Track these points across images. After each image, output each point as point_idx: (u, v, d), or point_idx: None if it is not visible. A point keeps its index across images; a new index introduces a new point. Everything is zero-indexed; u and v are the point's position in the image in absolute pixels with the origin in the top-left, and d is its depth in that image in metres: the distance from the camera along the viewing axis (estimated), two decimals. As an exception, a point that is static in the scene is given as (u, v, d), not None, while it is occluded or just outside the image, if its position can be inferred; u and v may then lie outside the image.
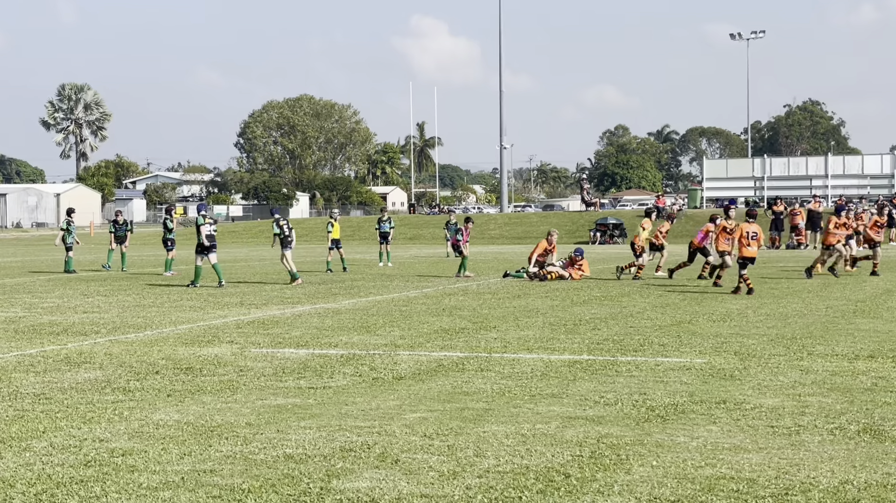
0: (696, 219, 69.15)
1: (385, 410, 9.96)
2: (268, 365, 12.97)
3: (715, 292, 23.59)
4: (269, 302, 21.93)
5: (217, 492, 7.14)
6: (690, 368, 12.43)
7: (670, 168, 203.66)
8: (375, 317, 18.69)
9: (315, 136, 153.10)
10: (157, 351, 14.31)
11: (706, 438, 8.67)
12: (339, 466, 7.81)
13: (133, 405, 10.35)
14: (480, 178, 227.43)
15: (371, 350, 14.27)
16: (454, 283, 27.23)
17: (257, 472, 7.64)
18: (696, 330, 16.33)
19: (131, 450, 8.35)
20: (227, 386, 11.45)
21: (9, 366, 13.03)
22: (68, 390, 11.25)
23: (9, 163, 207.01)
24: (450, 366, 12.81)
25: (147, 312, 19.78)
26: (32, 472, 7.70)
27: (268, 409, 10.06)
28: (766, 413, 9.72)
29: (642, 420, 9.43)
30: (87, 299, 22.95)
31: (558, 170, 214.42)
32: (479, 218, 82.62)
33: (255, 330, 16.74)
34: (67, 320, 18.42)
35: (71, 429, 9.19)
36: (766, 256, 43.22)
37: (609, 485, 7.23)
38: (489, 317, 18.40)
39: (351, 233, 74.43)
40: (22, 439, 8.81)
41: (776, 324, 17.12)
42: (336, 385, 11.48)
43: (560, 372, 12.25)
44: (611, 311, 19.34)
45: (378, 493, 7.07)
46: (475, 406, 10.17)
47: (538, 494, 7.04)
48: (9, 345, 15.12)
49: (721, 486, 7.20)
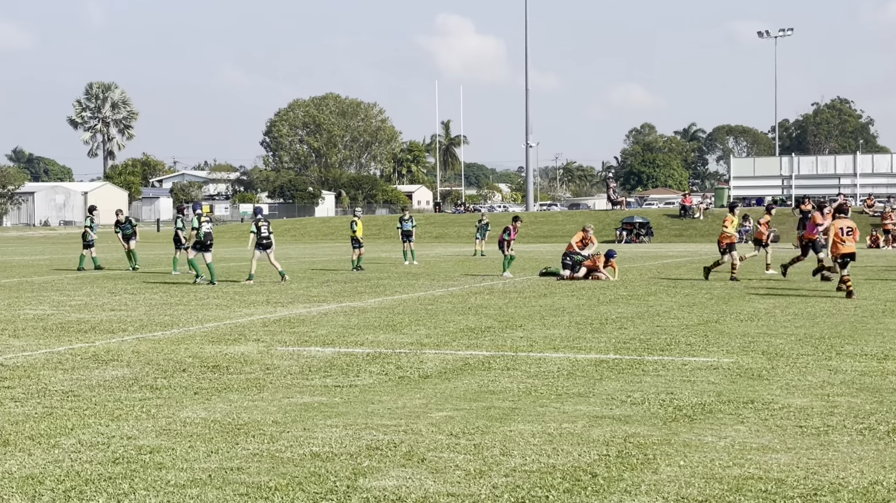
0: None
1: (411, 409, 9.97)
2: (294, 363, 13.00)
3: (743, 291, 23.47)
4: (295, 300, 21.99)
5: (244, 489, 7.16)
6: (718, 368, 12.39)
7: (697, 167, 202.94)
8: (401, 315, 18.71)
9: (341, 134, 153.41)
10: (184, 349, 14.37)
11: (734, 438, 8.63)
12: (366, 465, 7.82)
13: (160, 403, 10.40)
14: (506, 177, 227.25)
15: (397, 348, 14.29)
16: (480, 282, 27.22)
17: (284, 470, 7.66)
18: (723, 329, 16.26)
19: (159, 448, 8.39)
20: (253, 384, 11.48)
21: (38, 363, 13.12)
22: (96, 387, 11.31)
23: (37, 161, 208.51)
24: (476, 364, 12.81)
25: (174, 310, 19.87)
26: (61, 469, 7.75)
27: (294, 408, 10.09)
28: (795, 413, 9.67)
29: (669, 419, 9.40)
30: (115, 297, 23.08)
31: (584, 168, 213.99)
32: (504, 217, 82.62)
33: (282, 328, 16.79)
34: (95, 318, 18.53)
35: (99, 427, 9.24)
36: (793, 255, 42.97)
37: (636, 485, 7.21)
38: (515, 316, 18.39)
39: (377, 231, 74.53)
40: (51, 436, 8.87)
41: (804, 323, 17.03)
42: (362, 383, 11.50)
43: (586, 371, 12.23)
44: (637, 310, 19.28)
45: (404, 492, 7.08)
46: (501, 405, 10.16)
47: (565, 493, 7.03)
48: (37, 342, 15.23)
49: (749, 486, 7.16)
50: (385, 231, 75.08)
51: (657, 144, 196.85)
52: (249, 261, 28.13)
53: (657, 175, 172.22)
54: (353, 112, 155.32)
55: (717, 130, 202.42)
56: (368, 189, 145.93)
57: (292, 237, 76.66)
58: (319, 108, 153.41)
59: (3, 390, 11.14)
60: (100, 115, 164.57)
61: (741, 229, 62.10)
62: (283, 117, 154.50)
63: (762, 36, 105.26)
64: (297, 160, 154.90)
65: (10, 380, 11.82)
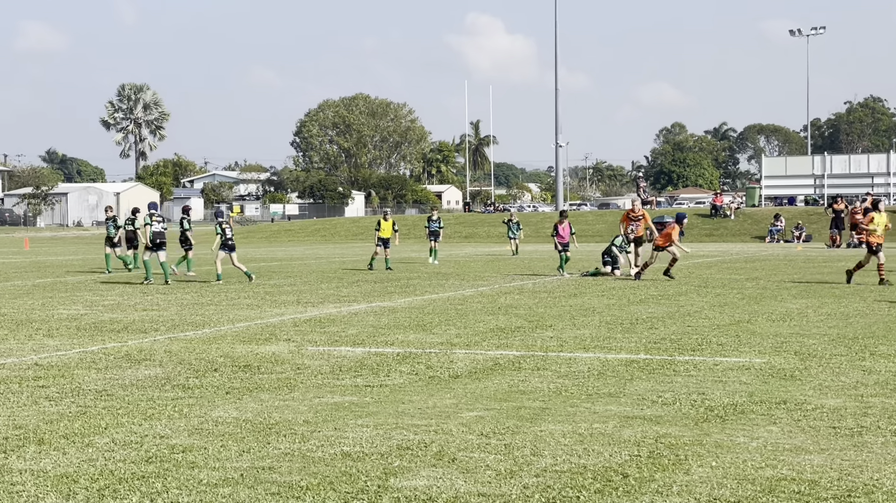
0: (754, 217, 68.56)
1: (442, 409, 9.97)
2: (325, 363, 13.03)
3: (775, 291, 23.34)
4: (325, 300, 22.05)
5: (275, 488, 7.19)
6: (750, 368, 12.32)
7: (728, 166, 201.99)
8: (431, 315, 18.72)
9: (370, 134, 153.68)
10: (215, 348, 14.43)
11: (766, 439, 8.58)
12: (397, 464, 7.82)
13: (192, 402, 10.45)
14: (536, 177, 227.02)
15: (427, 348, 14.29)
16: (510, 282, 27.20)
17: (315, 470, 7.68)
18: (755, 329, 16.17)
19: (191, 447, 8.43)
20: (284, 383, 11.52)
21: (71, 362, 13.22)
22: (129, 387, 11.38)
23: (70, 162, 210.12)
24: (506, 364, 12.80)
25: (205, 310, 19.96)
26: (95, 468, 7.80)
27: (325, 407, 10.11)
28: (828, 414, 9.61)
29: (701, 420, 9.36)
30: (147, 297, 23.21)
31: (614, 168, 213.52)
32: (534, 216, 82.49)
33: (312, 328, 16.83)
34: (128, 317, 18.64)
35: (132, 426, 9.30)
36: (826, 255, 42.74)
37: (668, 486, 7.19)
38: (545, 316, 18.36)
39: (406, 231, 74.55)
40: (84, 435, 8.93)
41: (837, 323, 16.92)
42: (393, 383, 11.51)
43: (617, 371, 12.19)
44: (668, 310, 19.21)
45: (435, 492, 7.08)
46: (532, 405, 10.15)
47: (596, 494, 7.01)
48: (71, 341, 15.33)
49: (782, 488, 7.12)
50: (415, 231, 75.11)
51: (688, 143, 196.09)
52: (215, 263, 28.18)
53: (688, 174, 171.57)
54: (383, 112, 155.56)
55: (749, 129, 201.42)
56: (398, 189, 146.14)
57: (322, 237, 76.86)
58: (349, 109, 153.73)
59: (38, 389, 11.23)
60: (132, 116, 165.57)
61: (771, 228, 61.87)
62: (314, 117, 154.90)
63: (794, 34, 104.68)
64: (326, 160, 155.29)
65: (45, 379, 11.91)
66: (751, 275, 28.43)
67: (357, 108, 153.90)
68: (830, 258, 39.77)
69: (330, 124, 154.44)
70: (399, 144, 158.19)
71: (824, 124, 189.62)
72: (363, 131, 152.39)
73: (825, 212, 53.27)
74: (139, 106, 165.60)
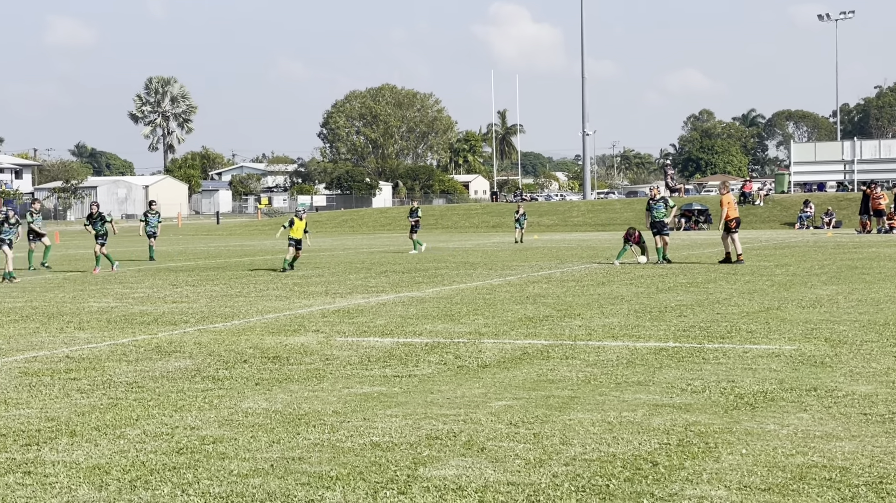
0: (783, 204, 68.14)
1: (470, 398, 9.98)
2: (353, 353, 13.06)
3: (805, 277, 23.20)
4: (353, 291, 22.09)
5: (306, 479, 7.22)
6: (780, 355, 12.26)
7: (756, 153, 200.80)
8: (459, 305, 18.72)
9: (397, 125, 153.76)
10: (244, 340, 14.49)
11: (797, 426, 8.54)
12: (426, 454, 7.84)
13: (222, 393, 10.50)
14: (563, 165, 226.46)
15: (455, 338, 14.30)
16: (538, 271, 27.16)
17: (345, 460, 7.71)
18: (784, 316, 16.09)
19: (221, 438, 8.48)
20: (313, 374, 11.56)
21: (102, 355, 13.31)
22: (159, 379, 11.45)
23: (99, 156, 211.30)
24: (534, 353, 12.79)
25: (234, 302, 20.04)
26: (127, 459, 7.86)
27: (354, 398, 10.14)
28: (859, 400, 9.55)
29: (731, 408, 9.32)
30: (176, 289, 23.33)
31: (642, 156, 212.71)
32: (561, 205, 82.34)
33: (340, 319, 16.87)
34: (157, 310, 18.74)
35: (163, 417, 9.36)
36: (856, 241, 42.45)
37: (698, 474, 7.17)
38: (573, 305, 18.33)
39: (433, 221, 74.64)
40: (116, 427, 8.99)
41: (868, 309, 16.80)
42: (421, 373, 11.52)
43: (646, 359, 12.16)
44: (697, 298, 19.14)
45: (464, 481, 7.09)
46: (560, 394, 10.14)
47: (625, 482, 7.00)
48: (102, 334, 15.43)
49: (813, 475, 7.09)
50: (442, 221, 75.23)
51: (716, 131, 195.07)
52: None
53: (716, 161, 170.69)
54: (410, 103, 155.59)
55: (777, 116, 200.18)
56: (425, 179, 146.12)
57: (350, 228, 77.00)
58: (376, 100, 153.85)
59: (70, 382, 11.31)
60: (159, 110, 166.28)
61: (801, 215, 61.50)
62: (340, 109, 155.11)
63: (822, 19, 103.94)
64: (354, 151, 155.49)
65: (76, 371, 12.00)
66: (780, 262, 28.28)
67: (384, 98, 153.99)
68: (861, 244, 39.49)
69: (357, 115, 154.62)
70: (426, 135, 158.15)
71: (854, 109, 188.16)
72: (390, 122, 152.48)
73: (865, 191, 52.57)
74: (167, 99, 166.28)
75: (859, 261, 28.30)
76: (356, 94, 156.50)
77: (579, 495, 6.72)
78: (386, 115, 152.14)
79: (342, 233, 71.06)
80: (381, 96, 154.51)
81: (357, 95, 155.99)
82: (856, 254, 32.04)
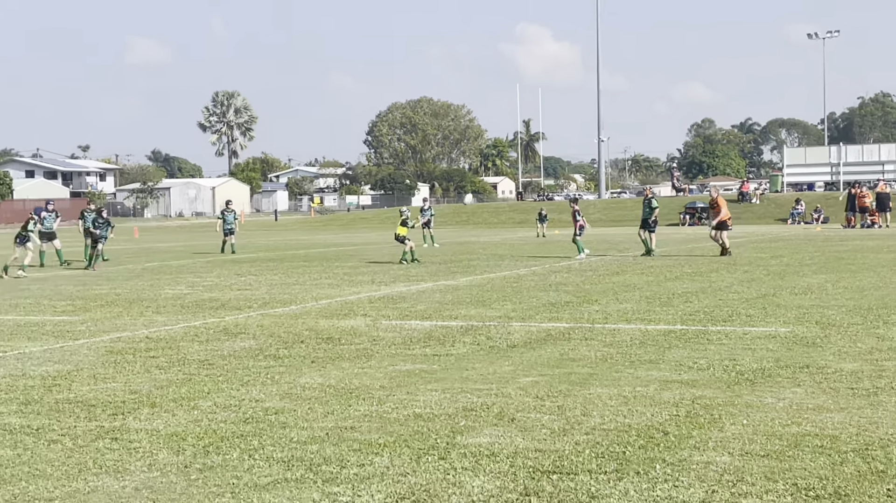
0: (777, 202, 67.55)
1: (501, 375, 9.97)
2: (397, 335, 13.07)
3: (797, 267, 23.00)
4: (396, 280, 22.10)
5: (357, 446, 7.24)
6: (776, 337, 12.17)
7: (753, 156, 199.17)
8: (490, 292, 18.69)
9: (434, 133, 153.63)
10: (301, 323, 14.53)
11: (791, 399, 8.48)
12: (463, 424, 7.84)
13: (283, 370, 10.54)
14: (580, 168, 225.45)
15: (487, 321, 14.28)
16: (559, 262, 27.08)
17: (391, 429, 7.72)
18: (779, 302, 15.96)
19: (282, 409, 8.51)
20: (362, 353, 11.58)
21: (177, 336, 13.39)
22: (227, 357, 11.50)
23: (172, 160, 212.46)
24: (557, 335, 12.75)
25: (291, 289, 20.10)
26: (200, 428, 7.91)
27: (398, 374, 10.15)
28: (847, 376, 9.47)
29: (732, 383, 9.27)
30: (241, 278, 23.42)
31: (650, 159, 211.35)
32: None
33: (385, 304, 16.88)
34: (224, 296, 18.82)
35: (231, 391, 9.40)
36: (842, 235, 42.03)
37: (704, 442, 7.13)
38: (591, 292, 18.25)
39: (465, 218, 74.59)
40: (190, 399, 9.05)
41: (854, 296, 16.64)
42: (457, 353, 11.52)
43: (656, 340, 12.10)
44: (701, 286, 19.02)
45: (497, 448, 7.08)
46: (581, 371, 10.11)
47: (640, 449, 6.98)
48: (176, 317, 15.53)
49: (806, 443, 7.04)
50: (473, 218, 75.13)
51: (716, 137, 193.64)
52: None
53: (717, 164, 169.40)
54: (445, 113, 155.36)
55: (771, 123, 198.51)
56: (458, 181, 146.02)
57: (392, 224, 76.65)
58: (415, 110, 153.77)
59: (149, 359, 11.39)
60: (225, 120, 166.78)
61: (793, 212, 60.94)
62: (384, 118, 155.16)
63: (811, 37, 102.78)
64: (395, 156, 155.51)
65: (155, 350, 12.08)
66: (775, 254, 28.05)
67: (422, 109, 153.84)
68: (846, 237, 39.11)
69: (398, 124, 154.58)
70: (459, 141, 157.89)
71: (839, 118, 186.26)
72: (427, 130, 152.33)
73: (841, 198, 52.43)
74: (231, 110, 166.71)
75: (845, 253, 28.02)
76: (397, 105, 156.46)
77: (599, 461, 6.71)
78: (424, 124, 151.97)
79: (386, 228, 71.03)
80: (419, 107, 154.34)
81: (398, 107, 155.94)
82: (842, 246, 31.73)
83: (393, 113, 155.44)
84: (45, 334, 13.81)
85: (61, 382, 10.01)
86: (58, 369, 10.81)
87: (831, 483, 6.12)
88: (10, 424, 8.16)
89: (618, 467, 6.54)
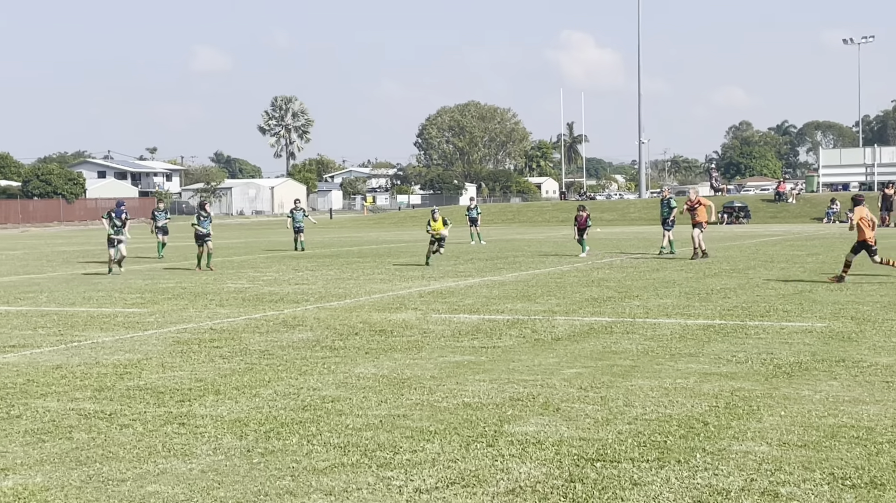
0: (813, 202, 66.65)
1: (546, 366, 9.95)
2: (446, 328, 13.08)
3: (833, 265, 22.66)
4: (445, 275, 22.12)
5: (409, 433, 7.26)
6: (812, 331, 12.01)
7: (789, 158, 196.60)
8: (535, 287, 18.64)
9: (481, 135, 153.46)
10: (355, 316, 14.60)
11: (828, 392, 8.37)
12: (510, 413, 7.83)
13: (338, 360, 10.59)
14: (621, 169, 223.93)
15: (532, 315, 14.25)
16: (601, 259, 26.93)
17: (441, 417, 7.74)
18: (816, 298, 15.75)
19: (339, 398, 8.56)
20: (413, 345, 11.60)
21: (239, 327, 13.51)
22: (286, 348, 11.59)
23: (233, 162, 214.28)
24: (600, 329, 12.70)
25: (346, 284, 20.20)
26: (262, 414, 7.98)
27: (448, 365, 10.16)
28: (882, 370, 9.33)
29: (770, 376, 9.17)
30: (298, 273, 23.57)
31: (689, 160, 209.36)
32: (620, 203, 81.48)
33: (435, 298, 16.90)
34: (283, 290, 18.96)
35: (290, 380, 9.47)
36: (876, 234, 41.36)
37: (742, 432, 7.07)
38: (632, 288, 18.14)
39: (511, 216, 74.42)
40: (252, 387, 9.13)
41: (889, 292, 16.37)
42: (504, 345, 11.51)
43: (696, 334, 12.00)
44: (739, 282, 18.82)
45: (543, 436, 7.07)
46: (623, 363, 10.06)
47: (680, 439, 6.93)
48: (238, 310, 15.67)
49: (843, 434, 6.95)
50: (518, 217, 74.96)
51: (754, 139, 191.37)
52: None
53: (754, 165, 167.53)
54: (491, 116, 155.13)
55: (807, 126, 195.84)
56: (504, 181, 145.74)
57: (441, 222, 76.94)
58: (463, 114, 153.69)
59: (213, 349, 11.51)
60: (283, 123, 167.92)
61: (828, 211, 60.07)
62: (433, 122, 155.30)
63: (847, 43, 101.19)
64: (444, 158, 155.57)
65: (219, 341, 12.20)
66: (811, 252, 27.67)
67: (469, 113, 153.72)
68: (880, 236, 38.44)
69: (447, 127, 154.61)
70: (505, 143, 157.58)
71: (873, 120, 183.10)
72: (474, 133, 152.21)
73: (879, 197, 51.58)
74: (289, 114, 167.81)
75: (880, 251, 27.54)
76: (446, 109, 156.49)
77: (641, 449, 6.67)
78: (471, 126, 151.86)
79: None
80: (467, 111, 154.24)
81: (447, 110, 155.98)
82: (877, 244, 31.18)
83: (442, 116, 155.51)
84: (117, 325, 14.00)
85: (132, 370, 10.15)
86: (128, 358, 10.97)
87: (867, 472, 6.04)
88: (85, 409, 8.30)
89: (659, 456, 6.50)
